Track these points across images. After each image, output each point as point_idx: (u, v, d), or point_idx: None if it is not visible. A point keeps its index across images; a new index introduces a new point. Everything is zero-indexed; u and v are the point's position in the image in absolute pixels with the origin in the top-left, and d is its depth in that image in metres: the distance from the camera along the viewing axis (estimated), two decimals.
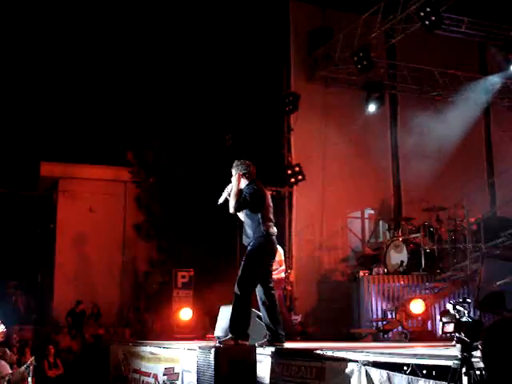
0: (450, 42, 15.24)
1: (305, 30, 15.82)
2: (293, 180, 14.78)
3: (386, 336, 11.20)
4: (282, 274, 11.28)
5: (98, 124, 19.82)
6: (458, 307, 4.08)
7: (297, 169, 14.72)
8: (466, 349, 2.44)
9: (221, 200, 7.60)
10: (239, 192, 7.41)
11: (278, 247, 11.13)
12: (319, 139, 15.46)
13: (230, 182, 7.59)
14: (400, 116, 16.71)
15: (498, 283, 10.17)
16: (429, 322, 11.26)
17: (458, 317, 4.09)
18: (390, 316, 11.81)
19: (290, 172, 14.82)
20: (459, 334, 3.93)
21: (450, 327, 3.81)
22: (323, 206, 15.22)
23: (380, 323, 11.79)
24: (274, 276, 11.09)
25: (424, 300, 10.96)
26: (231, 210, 7.40)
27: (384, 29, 13.96)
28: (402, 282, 12.44)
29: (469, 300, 4.58)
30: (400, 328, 10.98)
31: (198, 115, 17.24)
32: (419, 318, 10.94)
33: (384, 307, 12.20)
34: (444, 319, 4.03)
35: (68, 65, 19.14)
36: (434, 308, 11.61)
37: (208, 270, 16.54)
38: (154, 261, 19.07)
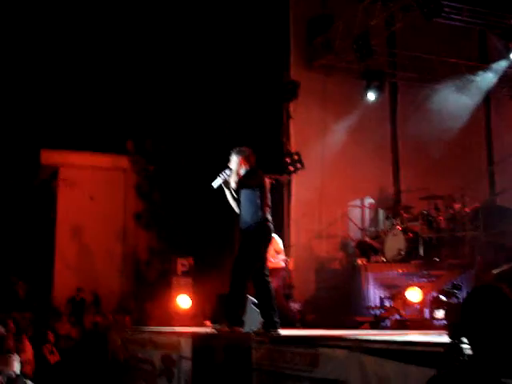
0: (451, 31, 15.18)
1: (304, 17, 15.79)
2: (292, 168, 14.78)
3: (383, 324, 11.23)
4: (281, 263, 11.31)
5: (98, 112, 19.79)
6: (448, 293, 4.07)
7: (296, 157, 14.71)
8: (455, 334, 2.44)
9: (215, 184, 7.58)
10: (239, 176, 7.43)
11: (276, 236, 11.20)
12: (318, 127, 15.46)
13: (227, 167, 7.59)
14: (400, 104, 16.70)
15: (495, 271, 10.20)
16: (426, 310, 11.27)
17: (448, 303, 4.09)
18: (387, 304, 11.83)
19: (288, 160, 14.82)
20: (449, 319, 3.93)
21: (440, 313, 3.83)
22: (322, 195, 15.23)
23: (377, 311, 11.81)
24: (273, 264, 11.17)
25: (421, 288, 10.97)
26: (233, 186, 7.40)
27: (384, 16, 13.94)
28: (400, 270, 12.46)
29: (460, 286, 4.61)
30: (397, 316, 11.00)
31: (198, 103, 17.21)
32: (416, 306, 10.96)
33: (381, 295, 12.22)
34: (434, 305, 4.05)
35: (69, 52, 19.09)
36: (432, 296, 11.62)
37: (208, 258, 16.57)
38: (154, 249, 19.11)
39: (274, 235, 11.22)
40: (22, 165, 20.37)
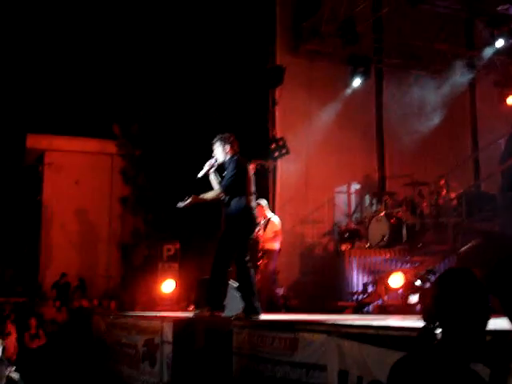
0: (437, 17, 15.20)
1: (291, 1, 15.74)
2: (277, 154, 14.79)
3: (365, 309, 11.30)
4: (276, 245, 11.33)
5: (85, 96, 19.71)
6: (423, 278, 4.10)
7: (281, 142, 14.72)
8: (428, 318, 2.46)
9: (201, 174, 7.62)
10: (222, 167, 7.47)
11: (275, 218, 11.23)
12: (304, 113, 15.46)
13: (212, 156, 7.62)
14: (385, 90, 16.70)
15: (462, 249, 10.26)
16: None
17: (422, 287, 4.12)
18: (370, 289, 11.90)
19: (274, 146, 14.82)
20: (423, 304, 3.96)
21: (415, 298, 3.88)
22: (308, 180, 15.26)
23: (360, 296, 11.89)
24: (268, 246, 11.22)
25: (404, 273, 11.03)
26: (222, 197, 7.43)
27: (370, 2, 13.93)
28: (383, 256, 12.53)
29: (434, 271, 4.66)
30: (379, 301, 11.08)
31: (184, 89, 17.17)
32: (399, 292, 11.02)
33: (365, 281, 12.29)
34: (409, 291, 4.10)
35: (55, 37, 18.97)
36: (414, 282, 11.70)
37: (194, 244, 16.59)
38: (140, 234, 19.10)
39: (273, 217, 11.30)
40: (8, 149, 20.28)
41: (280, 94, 15.18)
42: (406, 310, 10.44)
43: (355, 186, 16.48)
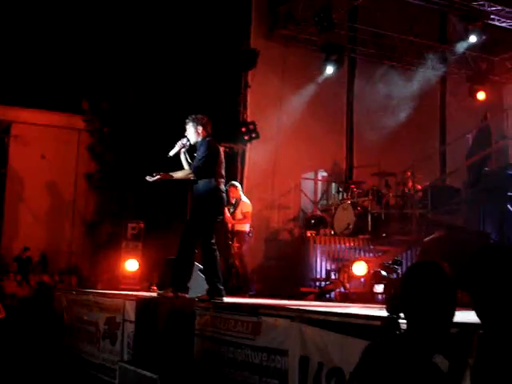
0: (412, 9, 15.26)
1: None
2: (247, 137, 14.76)
3: (328, 296, 11.40)
4: (246, 227, 11.32)
5: (54, 70, 19.42)
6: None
7: (251, 126, 14.68)
8: (393, 309, 2.48)
9: (172, 153, 7.57)
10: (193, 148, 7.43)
11: (247, 200, 11.23)
12: (276, 98, 15.44)
13: (184, 136, 7.57)
14: (357, 79, 16.77)
15: (426, 239, 10.39)
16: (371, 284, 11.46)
17: (387, 277, 4.16)
18: (333, 277, 12.00)
19: (244, 129, 14.78)
20: (388, 294, 4.00)
21: (380, 288, 3.92)
22: (276, 165, 15.28)
23: (323, 283, 11.98)
24: (238, 227, 11.22)
25: (367, 262, 11.14)
26: (193, 178, 7.38)
27: None
28: (348, 244, 12.63)
29: (400, 261, 4.70)
30: (342, 289, 11.17)
31: (157, 67, 17.01)
32: (361, 280, 11.13)
33: (328, 268, 12.39)
34: (375, 280, 4.13)
35: (27, 7, 18.64)
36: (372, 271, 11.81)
37: (159, 223, 16.53)
38: (105, 211, 18.96)
39: (244, 199, 11.31)
40: None
41: (253, 77, 15.14)
42: (368, 298, 10.57)
43: (322, 174, 16.53)
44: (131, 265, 12.84)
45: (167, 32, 16.26)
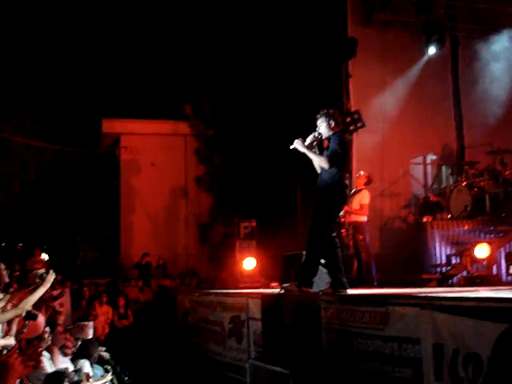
0: None
1: None
2: (352, 127, 14.59)
3: (450, 281, 11.13)
4: (364, 218, 11.20)
5: (156, 79, 19.98)
6: None
7: (356, 116, 14.50)
8: None
9: (306, 142, 7.44)
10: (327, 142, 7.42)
11: (366, 192, 11.12)
12: (378, 85, 15.17)
13: (315, 130, 7.52)
14: (461, 57, 16.21)
15: None
16: (494, 267, 11.10)
17: None
18: (454, 261, 11.71)
19: (349, 119, 14.61)
20: None
21: None
22: (383, 153, 15.00)
23: (444, 268, 11.70)
24: (355, 218, 11.11)
25: (489, 244, 10.80)
26: (325, 166, 7.34)
27: None
28: (467, 227, 12.28)
29: None
30: (465, 273, 10.88)
31: (255, 66, 17.15)
32: (484, 263, 10.81)
33: (448, 252, 12.09)
34: (510, 261, 3.99)
35: (125, 21, 19.26)
36: (500, 252, 11.42)
37: (270, 220, 16.66)
38: (217, 212, 19.30)
39: (363, 190, 11.20)
40: (85, 134, 20.79)
41: (353, 66, 14.94)
42: (494, 280, 10.25)
43: (431, 157, 16.16)
44: (249, 263, 12.98)
45: (267, 29, 16.36)
